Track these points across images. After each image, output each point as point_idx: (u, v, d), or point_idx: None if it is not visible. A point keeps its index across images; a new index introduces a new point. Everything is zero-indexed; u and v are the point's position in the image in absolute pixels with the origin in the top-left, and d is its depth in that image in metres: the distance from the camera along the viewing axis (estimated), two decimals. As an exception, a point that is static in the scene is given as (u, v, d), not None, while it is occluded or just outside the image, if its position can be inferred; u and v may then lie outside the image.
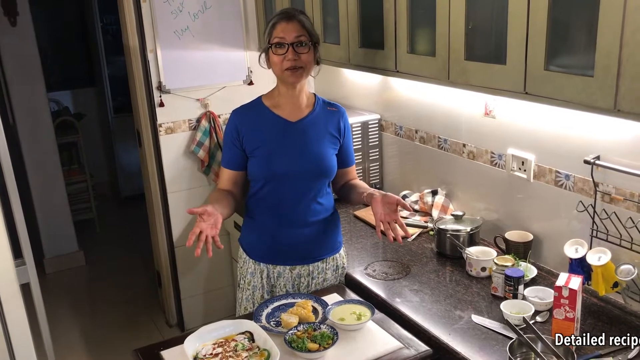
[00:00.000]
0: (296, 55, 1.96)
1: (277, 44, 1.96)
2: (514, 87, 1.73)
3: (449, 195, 2.69)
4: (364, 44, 2.43)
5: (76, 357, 3.53)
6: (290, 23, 1.96)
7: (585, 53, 1.55)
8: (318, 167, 2.06)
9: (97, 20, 5.64)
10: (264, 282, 2.16)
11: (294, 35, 1.95)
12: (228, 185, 2.12)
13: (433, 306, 2.00)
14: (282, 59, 1.96)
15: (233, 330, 1.81)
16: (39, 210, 4.51)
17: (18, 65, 4.21)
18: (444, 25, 1.95)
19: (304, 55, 1.97)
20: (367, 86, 3.13)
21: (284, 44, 1.95)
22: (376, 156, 3.07)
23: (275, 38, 1.97)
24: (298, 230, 2.09)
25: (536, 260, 2.24)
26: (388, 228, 1.92)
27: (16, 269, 1.84)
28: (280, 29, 1.96)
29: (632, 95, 1.41)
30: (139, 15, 3.14)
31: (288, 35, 1.95)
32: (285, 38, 1.95)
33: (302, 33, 1.97)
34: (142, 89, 3.31)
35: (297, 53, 1.96)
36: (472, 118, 2.46)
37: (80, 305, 4.20)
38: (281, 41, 1.95)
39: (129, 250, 4.97)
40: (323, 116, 2.11)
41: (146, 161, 3.50)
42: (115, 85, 5.77)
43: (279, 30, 1.96)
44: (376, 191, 2.02)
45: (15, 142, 4.34)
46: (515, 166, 2.30)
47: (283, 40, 1.95)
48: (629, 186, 1.88)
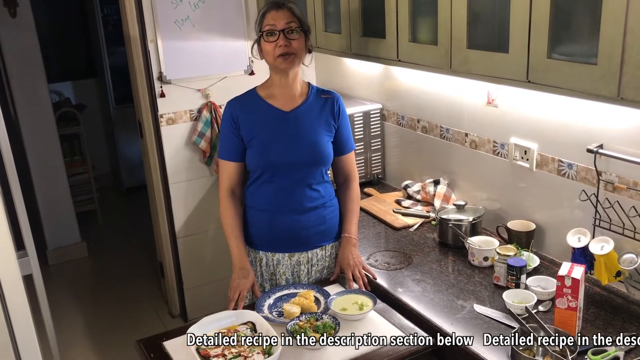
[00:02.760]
0: (287, 42, 1.97)
1: (268, 32, 1.98)
2: (516, 75, 1.72)
3: (451, 184, 2.69)
4: (366, 33, 2.42)
5: (79, 348, 3.54)
6: (280, 11, 1.99)
7: (588, 41, 1.54)
8: (313, 154, 2.07)
9: (97, 11, 5.61)
10: (263, 270, 2.18)
11: (284, 22, 1.97)
12: (231, 180, 2.14)
13: (435, 296, 2.00)
14: (273, 46, 1.98)
15: (235, 321, 1.82)
16: (42, 202, 4.52)
17: (18, 56, 4.20)
18: (446, 14, 1.93)
19: (295, 42, 1.99)
20: (368, 76, 3.11)
21: (274, 31, 1.97)
22: (378, 146, 3.06)
23: (266, 26, 1.99)
24: (295, 217, 2.10)
25: (539, 250, 2.24)
26: (359, 278, 2.07)
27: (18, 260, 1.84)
28: (271, 17, 1.99)
29: (635, 83, 1.40)
30: (139, 5, 3.13)
31: (278, 23, 1.97)
32: (275, 25, 1.97)
33: (292, 20, 1.99)
34: (143, 80, 3.30)
35: (288, 39, 1.98)
36: (475, 107, 2.45)
37: (83, 297, 4.21)
38: (272, 29, 1.98)
39: (132, 242, 4.98)
40: (317, 104, 2.12)
41: (148, 152, 3.49)
42: (116, 76, 5.75)
43: (269, 19, 1.99)
44: (352, 239, 2.15)
45: (16, 134, 4.33)
46: (517, 155, 2.29)
47: (274, 27, 1.97)
48: (632, 175, 1.87)
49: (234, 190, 2.15)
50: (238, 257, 2.10)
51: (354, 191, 2.24)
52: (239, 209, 2.17)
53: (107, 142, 6.30)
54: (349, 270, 2.08)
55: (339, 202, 2.24)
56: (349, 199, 2.22)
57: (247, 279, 2.06)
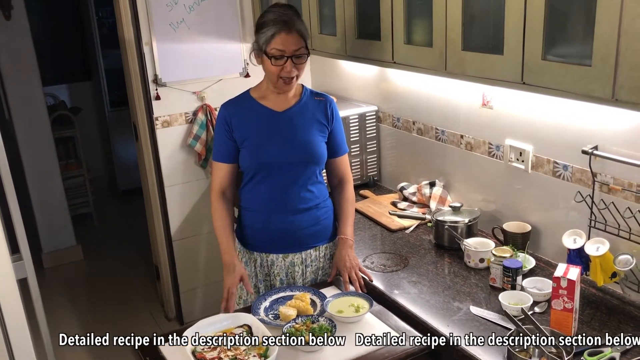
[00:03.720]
0: (294, 67, 1.97)
1: (277, 56, 1.95)
2: (511, 77, 1.73)
3: (447, 186, 2.69)
4: (361, 35, 2.42)
5: (75, 352, 3.52)
6: (290, 35, 1.94)
7: (583, 42, 1.54)
8: (306, 154, 2.07)
9: (92, 13, 5.60)
10: (257, 270, 2.18)
11: (293, 49, 1.95)
12: (222, 181, 2.14)
13: (431, 298, 2.00)
14: (279, 69, 1.96)
15: (231, 324, 1.82)
16: (37, 205, 4.50)
17: (13, 59, 4.18)
18: (441, 16, 1.94)
19: (301, 66, 1.99)
20: (364, 78, 3.11)
21: (283, 56, 1.95)
22: (374, 148, 3.06)
23: (273, 49, 1.95)
24: (289, 218, 2.10)
25: (534, 251, 2.24)
26: (355, 280, 2.05)
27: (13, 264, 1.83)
28: (280, 40, 1.94)
29: (630, 85, 1.40)
30: (134, 8, 3.12)
31: (288, 48, 1.94)
32: (285, 51, 1.94)
33: (301, 45, 1.97)
34: (138, 82, 3.29)
35: (295, 65, 1.96)
36: (470, 109, 2.46)
37: (79, 300, 4.20)
38: (281, 54, 1.95)
39: (127, 244, 4.96)
40: (310, 105, 2.12)
41: (143, 155, 3.48)
42: (111, 79, 5.73)
43: (279, 42, 1.94)
44: (348, 240, 2.14)
45: (11, 137, 4.32)
46: (513, 157, 2.29)
47: (283, 53, 1.94)
48: (627, 176, 1.88)
49: (225, 192, 2.15)
50: (227, 257, 2.08)
51: (349, 193, 2.23)
52: (230, 210, 2.17)
53: (102, 145, 6.29)
54: (346, 272, 2.07)
55: (334, 204, 2.24)
56: (343, 201, 2.22)
57: (234, 274, 2.03)
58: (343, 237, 2.15)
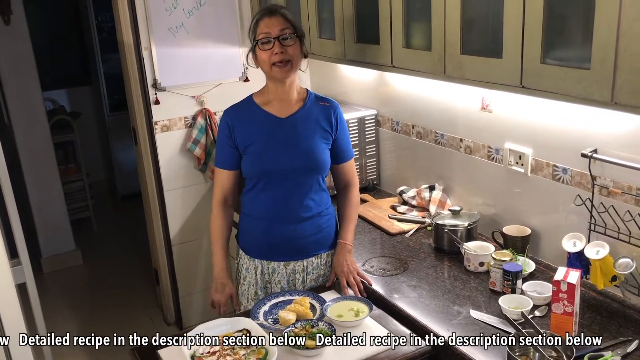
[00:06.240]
0: (282, 49, 1.96)
1: (263, 40, 1.97)
2: (510, 80, 1.73)
3: (447, 190, 2.69)
4: (360, 39, 2.42)
5: (74, 356, 3.51)
6: (273, 17, 1.97)
7: (581, 46, 1.54)
8: (309, 162, 2.06)
9: (92, 18, 5.61)
10: (258, 278, 2.17)
11: (278, 29, 1.96)
12: (224, 188, 2.14)
13: (431, 302, 2.00)
14: (269, 54, 1.97)
15: (230, 328, 1.81)
16: (36, 209, 4.50)
17: (13, 64, 4.19)
18: (440, 19, 1.94)
19: (291, 48, 1.98)
20: (363, 82, 3.11)
21: (269, 39, 1.96)
22: (373, 152, 3.06)
23: (260, 34, 1.98)
24: (291, 226, 2.09)
25: (534, 255, 2.24)
26: (354, 284, 2.05)
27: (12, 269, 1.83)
28: (264, 24, 1.97)
29: (629, 88, 1.40)
30: (133, 13, 3.12)
31: (272, 30, 1.96)
32: (270, 33, 1.96)
33: (286, 26, 1.97)
34: (137, 87, 3.29)
35: (283, 46, 1.96)
36: (469, 112, 2.46)
37: (78, 305, 4.19)
38: (266, 36, 1.96)
39: (127, 249, 4.96)
40: (314, 111, 2.10)
41: (142, 159, 3.48)
42: (111, 84, 5.74)
43: (263, 26, 1.97)
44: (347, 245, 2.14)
45: (11, 141, 4.32)
46: (512, 160, 2.29)
47: (268, 35, 1.96)
48: (626, 179, 1.88)
49: (226, 199, 2.15)
50: (217, 270, 2.14)
51: (354, 197, 2.23)
52: (229, 219, 2.18)
53: (101, 150, 6.29)
54: (344, 277, 2.07)
55: (338, 207, 2.23)
56: (347, 205, 2.21)
57: (223, 294, 2.12)
58: (342, 241, 2.15)
